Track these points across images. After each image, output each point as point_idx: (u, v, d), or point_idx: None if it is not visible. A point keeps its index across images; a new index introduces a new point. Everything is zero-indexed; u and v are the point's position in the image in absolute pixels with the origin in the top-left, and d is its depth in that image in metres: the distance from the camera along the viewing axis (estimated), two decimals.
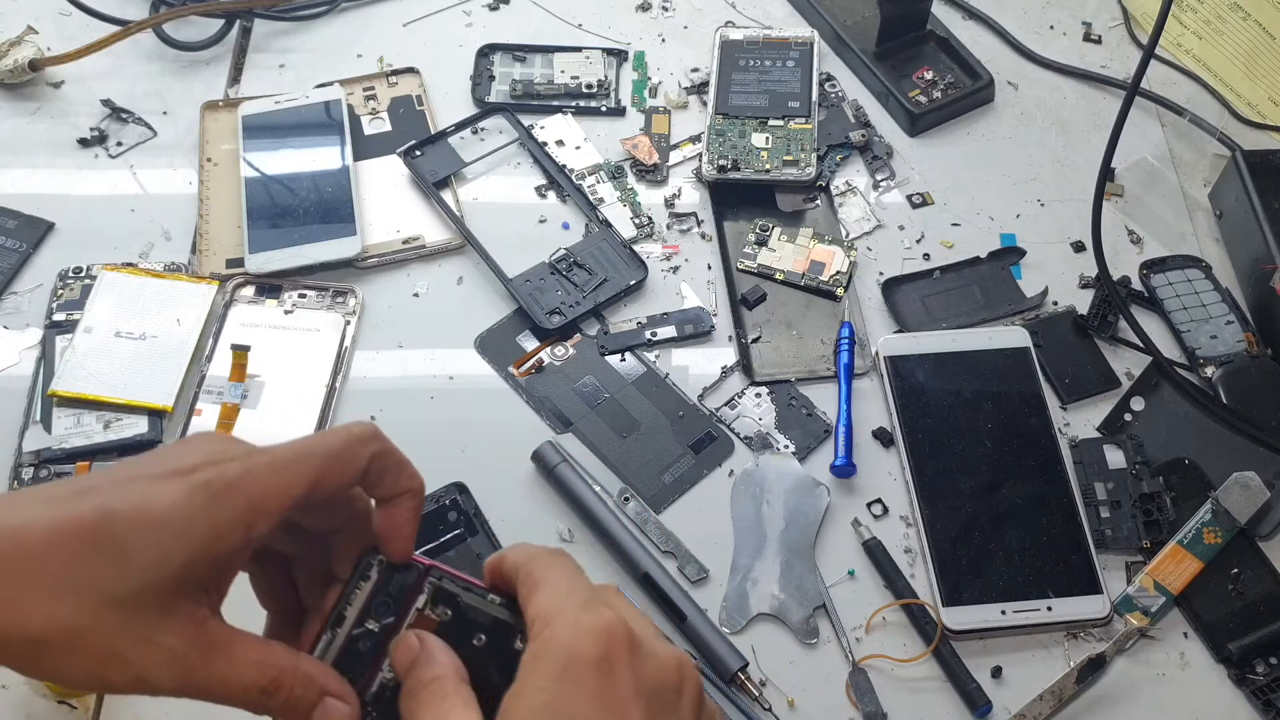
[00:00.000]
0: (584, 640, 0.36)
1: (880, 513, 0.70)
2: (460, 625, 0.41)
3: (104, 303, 0.74)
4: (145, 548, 0.34)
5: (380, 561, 0.41)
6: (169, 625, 0.35)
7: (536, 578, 0.39)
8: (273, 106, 0.84)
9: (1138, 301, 0.79)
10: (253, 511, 0.36)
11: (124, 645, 0.34)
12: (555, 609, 0.37)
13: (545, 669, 0.35)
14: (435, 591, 0.41)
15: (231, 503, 0.36)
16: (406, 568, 0.41)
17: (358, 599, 0.41)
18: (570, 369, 0.75)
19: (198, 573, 0.35)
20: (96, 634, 0.33)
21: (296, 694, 0.38)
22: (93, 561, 0.33)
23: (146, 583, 0.34)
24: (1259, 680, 0.64)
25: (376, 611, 0.41)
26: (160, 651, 0.34)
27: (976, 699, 0.63)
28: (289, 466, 0.37)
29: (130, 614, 0.34)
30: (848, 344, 0.75)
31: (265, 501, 0.36)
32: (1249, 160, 0.80)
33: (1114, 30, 0.95)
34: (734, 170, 0.82)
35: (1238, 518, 0.67)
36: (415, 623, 0.41)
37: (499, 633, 0.41)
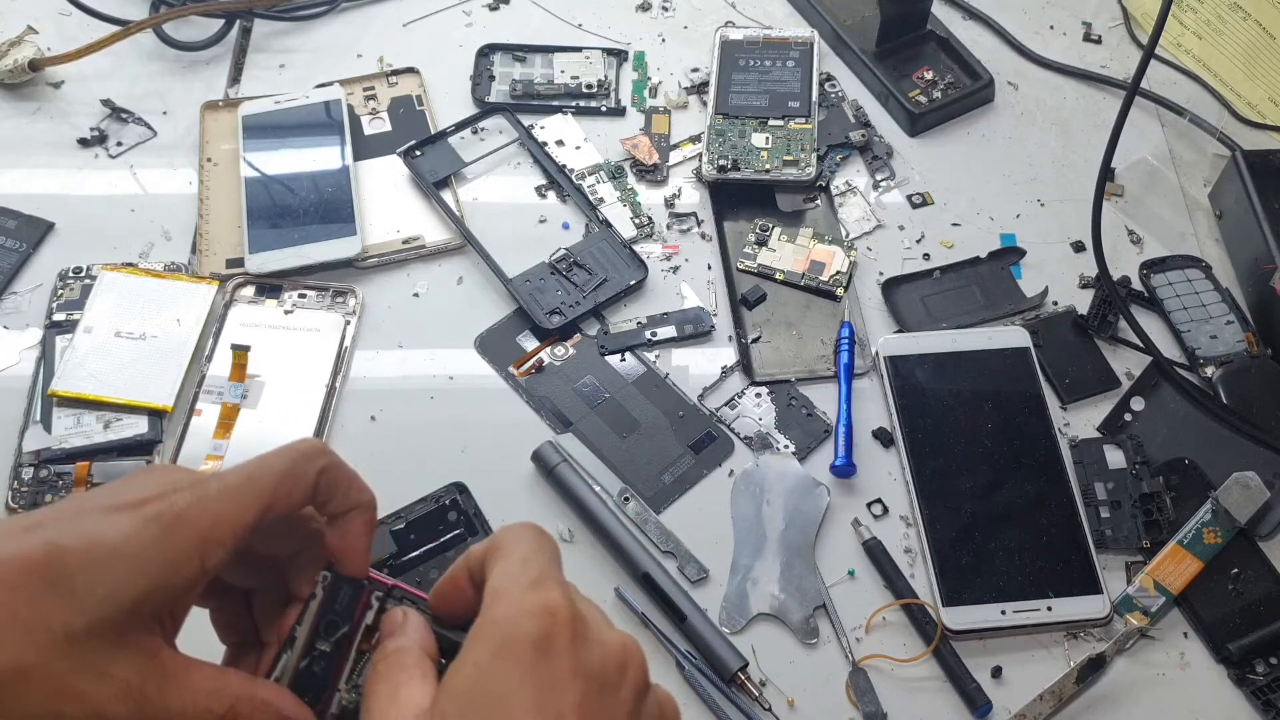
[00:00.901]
0: (525, 619, 0.35)
1: (880, 513, 0.70)
2: None
3: (104, 303, 0.74)
4: (96, 583, 0.34)
5: (324, 578, 0.41)
6: (122, 658, 0.34)
7: (500, 553, 0.38)
8: (273, 106, 0.84)
9: (1138, 301, 0.79)
10: (206, 542, 0.36)
11: (77, 680, 0.33)
12: (504, 585, 0.36)
13: (484, 644, 0.35)
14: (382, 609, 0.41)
15: (184, 534, 0.36)
16: (352, 584, 0.41)
17: (308, 619, 0.41)
18: (570, 369, 0.75)
19: (151, 605, 0.35)
20: (49, 670, 0.33)
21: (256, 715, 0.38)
22: (43, 598, 0.33)
23: (98, 618, 0.34)
24: (1259, 680, 0.64)
25: (326, 630, 0.40)
26: (115, 684, 0.34)
27: (976, 699, 0.63)
28: (239, 492, 0.37)
29: (82, 649, 0.34)
30: (848, 344, 0.75)
31: (218, 531, 0.36)
32: (1249, 160, 0.80)
33: (1114, 30, 0.95)
34: (734, 170, 0.82)
35: (1238, 518, 0.67)
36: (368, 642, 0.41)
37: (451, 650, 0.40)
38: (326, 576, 0.41)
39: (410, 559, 0.66)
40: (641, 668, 0.37)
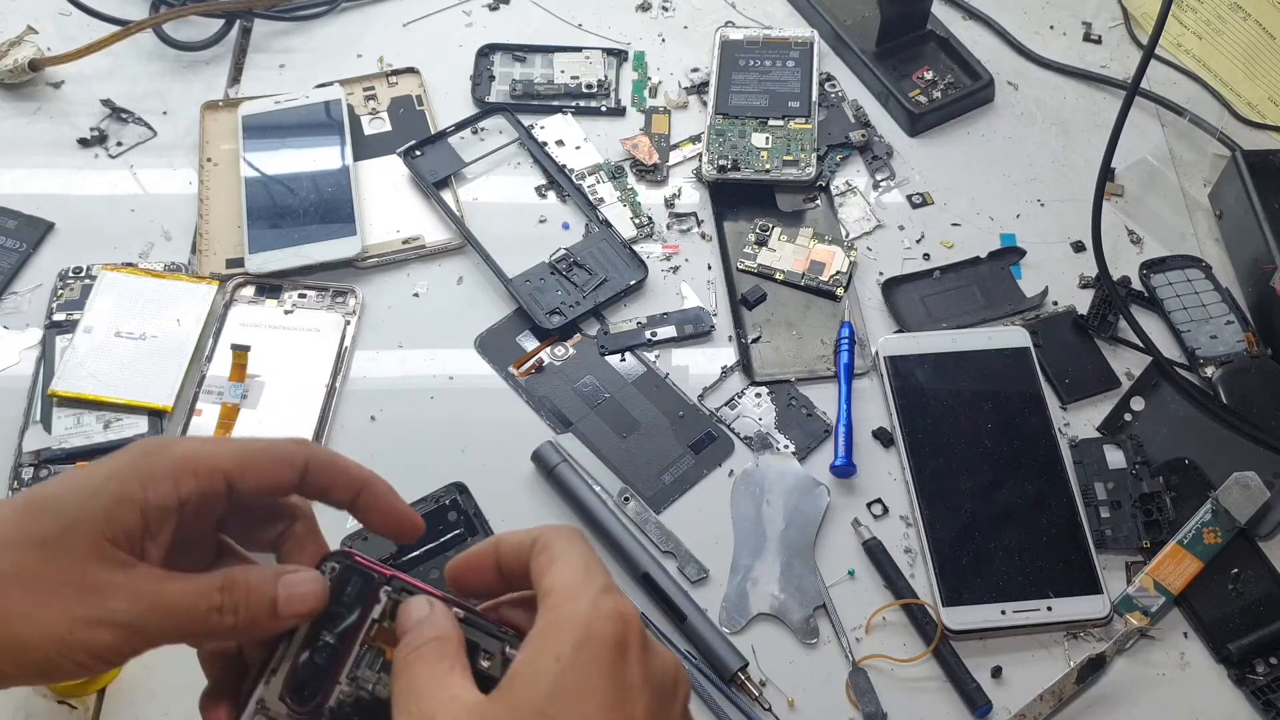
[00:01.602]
0: (605, 621, 0.36)
1: (880, 513, 0.70)
2: None
3: (104, 303, 0.74)
4: (72, 499, 0.36)
5: (333, 569, 0.40)
6: (98, 566, 0.36)
7: (554, 552, 0.39)
8: (273, 106, 0.84)
9: (1138, 301, 0.79)
10: (181, 466, 0.38)
11: (61, 580, 0.35)
12: (574, 585, 0.37)
13: (563, 638, 0.35)
14: (395, 604, 0.40)
15: (160, 457, 0.38)
16: (363, 574, 0.40)
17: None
18: (570, 369, 0.75)
19: (124, 517, 0.37)
20: (35, 571, 0.35)
21: (253, 581, 0.38)
22: (19, 516, 0.36)
23: (73, 522, 0.36)
24: (1259, 680, 0.64)
25: (331, 620, 0.40)
26: (97, 586, 0.35)
27: (976, 699, 0.63)
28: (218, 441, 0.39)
29: (64, 554, 0.36)
30: (848, 344, 0.75)
31: (193, 461, 0.38)
32: (1249, 160, 0.80)
33: (1114, 30, 0.95)
34: (734, 170, 0.82)
35: (1238, 518, 0.67)
36: (375, 634, 0.40)
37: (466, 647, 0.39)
38: (334, 567, 0.40)
39: (410, 559, 0.66)
40: (688, 684, 0.38)
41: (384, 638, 0.40)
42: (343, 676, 0.39)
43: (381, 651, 0.39)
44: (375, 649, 0.40)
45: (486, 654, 0.39)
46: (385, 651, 0.39)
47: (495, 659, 0.39)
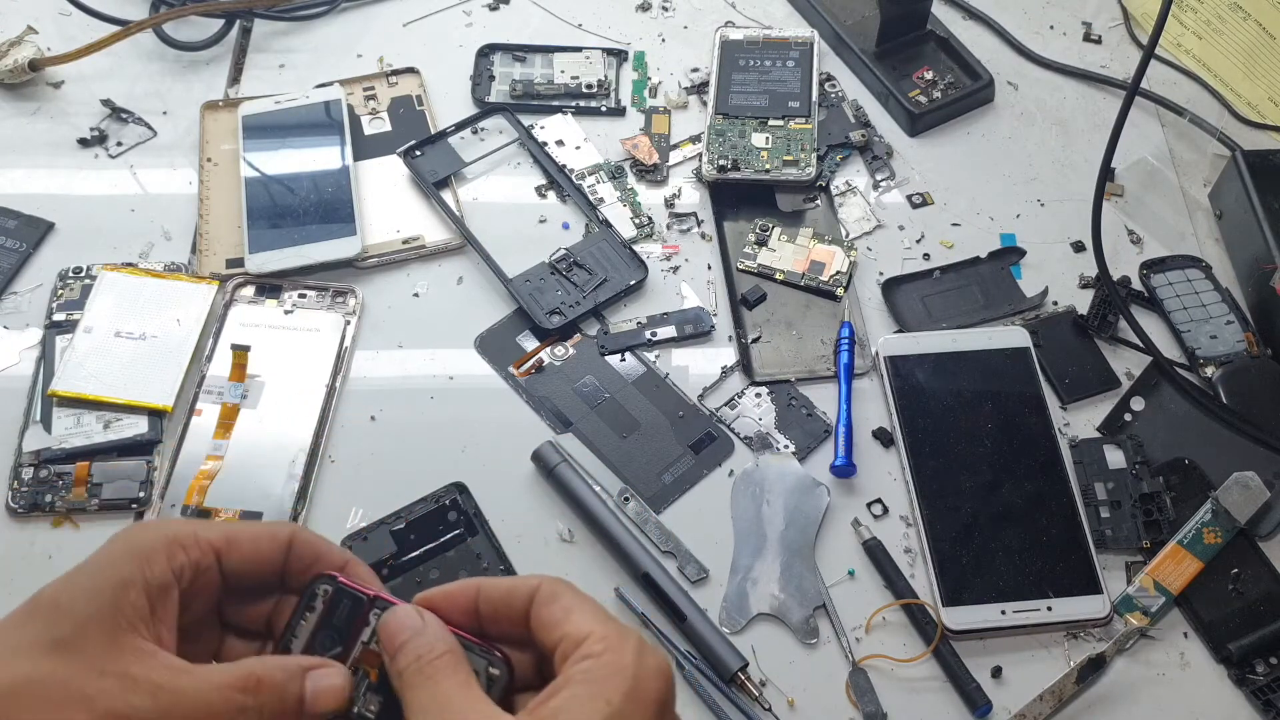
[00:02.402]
0: (654, 676, 0.37)
1: (880, 513, 0.70)
2: None
3: (104, 303, 0.74)
4: (75, 595, 0.36)
5: (325, 591, 0.41)
6: (119, 657, 0.36)
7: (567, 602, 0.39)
8: (273, 106, 0.84)
9: (1138, 301, 0.79)
10: (171, 542, 0.38)
11: (80, 682, 0.35)
12: (612, 635, 0.38)
13: (613, 686, 0.36)
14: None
15: (149, 535, 0.38)
16: (353, 597, 0.41)
17: (304, 630, 0.40)
18: (570, 369, 0.75)
19: (131, 600, 0.37)
20: (50, 678, 0.35)
21: (278, 679, 0.38)
22: (27, 620, 0.36)
23: (82, 619, 0.36)
24: (1259, 680, 0.64)
25: (323, 643, 0.40)
26: (119, 680, 0.35)
27: (976, 699, 0.63)
28: (206, 523, 0.41)
29: (76, 653, 0.35)
30: (848, 344, 0.75)
31: (181, 537, 0.39)
32: (1249, 160, 0.80)
33: (1114, 30, 0.95)
34: (734, 170, 0.82)
35: (1238, 518, 0.67)
36: (362, 656, 0.40)
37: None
38: (327, 590, 0.41)
39: (410, 559, 0.66)
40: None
41: (369, 660, 0.40)
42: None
43: (367, 674, 0.40)
44: (362, 671, 0.40)
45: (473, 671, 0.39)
46: (370, 673, 0.40)
47: (480, 676, 0.39)
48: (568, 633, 0.38)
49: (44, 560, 0.66)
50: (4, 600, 0.64)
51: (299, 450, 0.70)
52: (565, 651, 0.38)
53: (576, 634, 0.38)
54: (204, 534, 0.39)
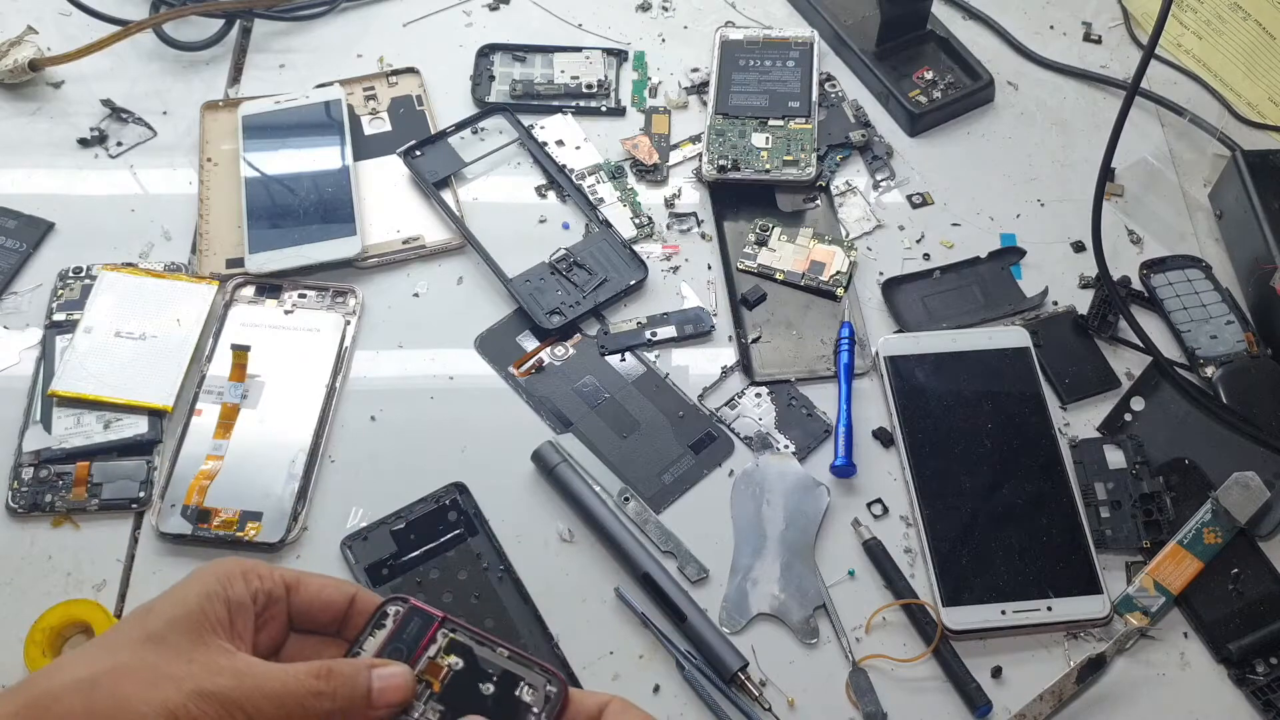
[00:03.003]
0: None
1: (880, 513, 0.70)
2: (471, 674, 0.44)
3: (104, 303, 0.74)
4: (165, 602, 0.42)
5: (397, 612, 0.45)
6: (204, 650, 0.41)
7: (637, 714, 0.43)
8: (273, 106, 0.84)
9: (1138, 301, 0.79)
10: (249, 570, 0.44)
11: (169, 666, 0.40)
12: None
13: None
14: (449, 642, 0.45)
15: (231, 565, 0.44)
16: (424, 617, 0.45)
17: (372, 645, 0.44)
18: (570, 369, 0.75)
19: (215, 610, 0.42)
20: (143, 662, 0.40)
21: (348, 671, 0.42)
22: (134, 623, 0.42)
23: (171, 619, 0.41)
24: (1259, 680, 0.64)
25: (391, 655, 0.44)
26: (205, 666, 0.40)
27: (976, 699, 0.63)
28: (276, 566, 0.45)
29: (167, 645, 0.40)
30: (848, 344, 0.75)
31: (259, 566, 0.44)
32: (1249, 160, 0.80)
33: (1114, 30, 0.95)
34: (734, 170, 0.82)
35: (1238, 518, 0.67)
36: (427, 668, 0.44)
37: (507, 682, 0.44)
38: (399, 610, 0.45)
39: (410, 559, 0.66)
40: None
41: (433, 671, 0.44)
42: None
43: (430, 684, 0.44)
44: (425, 681, 0.44)
45: (530, 687, 0.44)
46: (433, 684, 0.44)
47: (538, 692, 0.44)
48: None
49: (44, 560, 0.66)
50: (4, 600, 0.64)
51: (299, 450, 0.70)
52: None
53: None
54: (278, 570, 0.45)
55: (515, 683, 0.44)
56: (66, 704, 0.38)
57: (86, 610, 0.63)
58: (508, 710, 0.43)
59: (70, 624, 0.63)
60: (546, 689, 0.44)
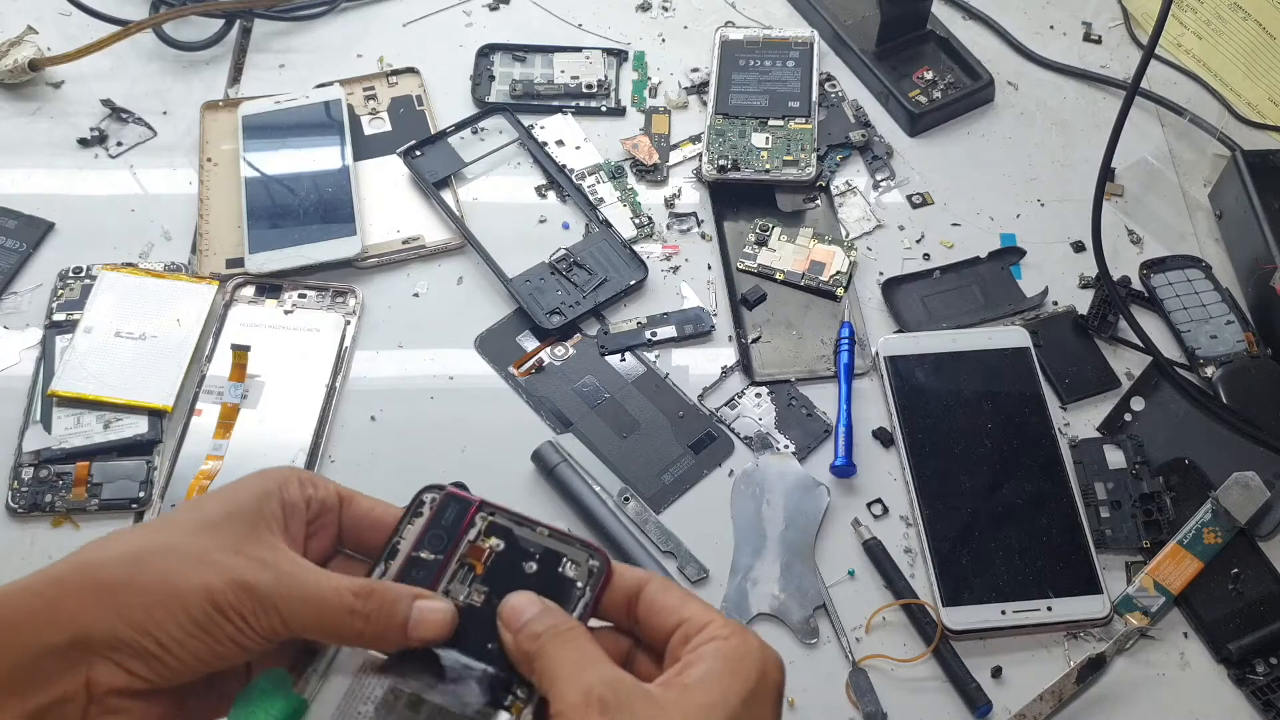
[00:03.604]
0: (775, 666, 0.40)
1: (880, 513, 0.70)
2: (513, 554, 0.44)
3: (104, 303, 0.74)
4: (223, 495, 0.43)
5: (433, 499, 0.45)
6: (254, 544, 0.41)
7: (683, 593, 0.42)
8: (273, 106, 0.84)
9: (1138, 301, 0.79)
10: (304, 477, 0.44)
11: (218, 555, 0.40)
12: (737, 625, 0.40)
13: (747, 665, 0.39)
14: (488, 525, 0.44)
15: (287, 469, 0.44)
16: (460, 502, 0.45)
17: (411, 533, 0.44)
18: (570, 369, 0.75)
19: (269, 507, 0.42)
20: (193, 545, 0.40)
21: (390, 596, 0.41)
22: (185, 511, 0.42)
23: (229, 510, 0.41)
24: (1259, 680, 0.64)
25: (430, 543, 0.44)
26: (250, 560, 0.40)
27: (976, 699, 0.63)
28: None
29: (219, 533, 0.41)
30: (848, 344, 0.75)
31: (314, 476, 0.45)
32: (1249, 160, 0.80)
33: (1114, 30, 0.95)
34: (734, 170, 0.82)
35: (1238, 518, 0.67)
36: (468, 552, 0.44)
37: (549, 560, 0.44)
38: (434, 497, 0.45)
39: None
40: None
41: (474, 555, 0.44)
42: (440, 590, 0.43)
43: (473, 566, 0.43)
44: (468, 564, 0.43)
45: (573, 564, 0.43)
46: (476, 566, 0.43)
47: (581, 567, 0.43)
48: (688, 617, 0.40)
49: (44, 560, 0.66)
50: None
51: (299, 450, 0.70)
52: (687, 633, 0.40)
53: (699, 620, 0.40)
54: (331, 482, 0.45)
55: (558, 560, 0.43)
56: (110, 571, 0.39)
57: None
58: (552, 586, 0.43)
59: None
60: (590, 564, 0.43)
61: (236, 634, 0.39)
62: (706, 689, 0.38)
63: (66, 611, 0.39)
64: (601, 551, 0.43)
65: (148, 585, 0.39)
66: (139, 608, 0.38)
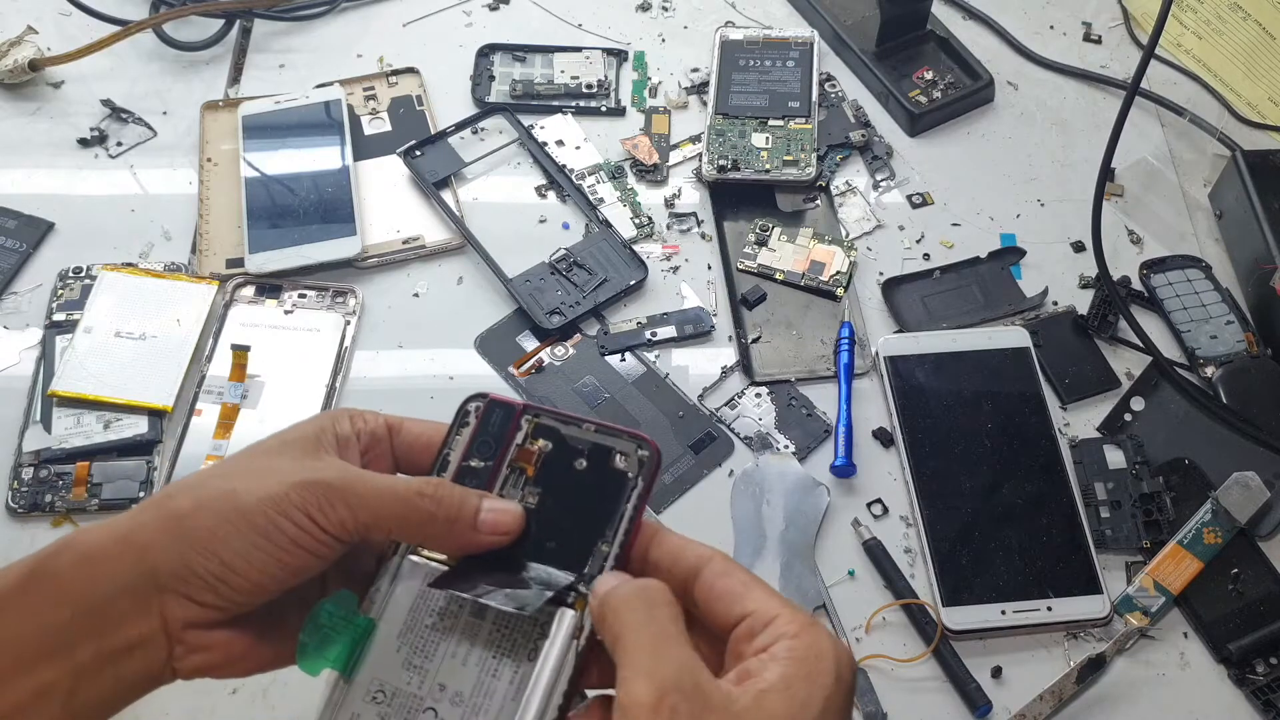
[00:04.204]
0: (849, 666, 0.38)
1: (880, 513, 0.70)
2: (562, 453, 0.44)
3: (104, 303, 0.74)
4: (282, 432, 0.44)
5: (477, 408, 0.45)
6: (315, 460, 0.42)
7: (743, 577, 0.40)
8: (273, 106, 0.84)
9: (1138, 301, 0.79)
10: (355, 413, 0.45)
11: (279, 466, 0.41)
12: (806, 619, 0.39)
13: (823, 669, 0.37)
14: (534, 427, 0.45)
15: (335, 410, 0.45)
16: (505, 407, 0.45)
17: (459, 444, 0.45)
18: (570, 369, 0.75)
19: (325, 437, 0.43)
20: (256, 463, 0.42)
21: (458, 492, 0.42)
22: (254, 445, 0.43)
23: (288, 439, 0.43)
24: (1259, 680, 0.64)
25: (479, 450, 0.44)
26: (311, 465, 0.41)
27: (976, 699, 0.63)
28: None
29: (285, 453, 0.42)
30: (848, 344, 0.75)
31: (362, 410, 0.45)
32: (1249, 160, 0.80)
33: (1114, 30, 0.95)
34: (734, 170, 0.82)
35: (1238, 518, 0.67)
36: (517, 456, 0.44)
37: (599, 455, 0.44)
38: (479, 406, 0.45)
39: None
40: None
41: (524, 458, 0.44)
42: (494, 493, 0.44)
43: (524, 470, 0.44)
44: (518, 468, 0.44)
45: (623, 455, 0.44)
46: (526, 469, 0.44)
47: (631, 458, 0.44)
48: (753, 610, 0.39)
49: None
50: None
51: None
52: (753, 628, 0.38)
53: (765, 612, 0.39)
54: (380, 413, 0.45)
55: (607, 454, 0.44)
56: (177, 501, 0.40)
57: None
58: (604, 480, 0.43)
59: None
60: (639, 454, 0.43)
61: (301, 535, 0.40)
62: (784, 698, 0.36)
63: (136, 545, 0.39)
64: (649, 440, 0.43)
65: (209, 504, 0.40)
66: (202, 529, 0.39)
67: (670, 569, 0.41)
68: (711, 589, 0.40)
